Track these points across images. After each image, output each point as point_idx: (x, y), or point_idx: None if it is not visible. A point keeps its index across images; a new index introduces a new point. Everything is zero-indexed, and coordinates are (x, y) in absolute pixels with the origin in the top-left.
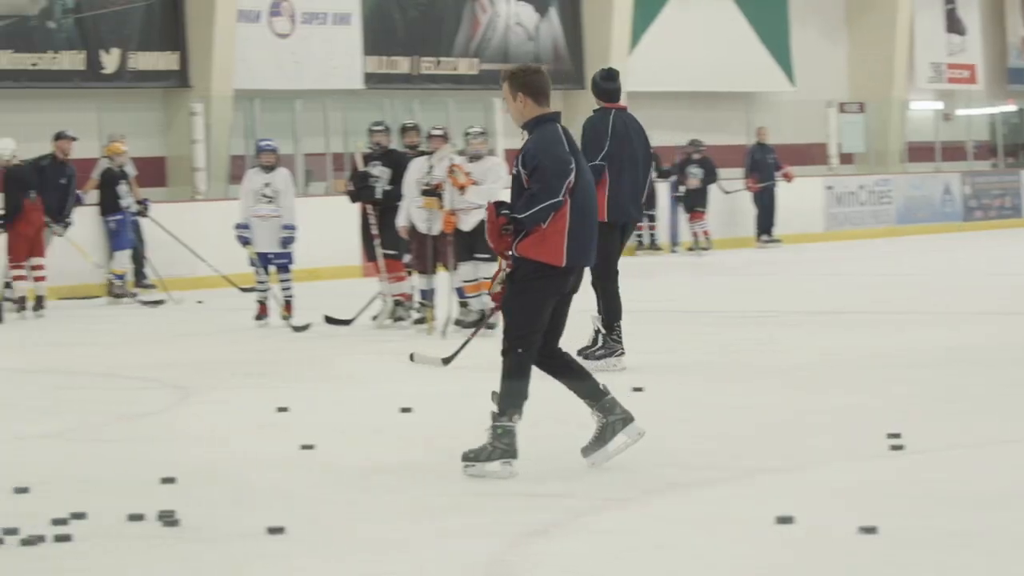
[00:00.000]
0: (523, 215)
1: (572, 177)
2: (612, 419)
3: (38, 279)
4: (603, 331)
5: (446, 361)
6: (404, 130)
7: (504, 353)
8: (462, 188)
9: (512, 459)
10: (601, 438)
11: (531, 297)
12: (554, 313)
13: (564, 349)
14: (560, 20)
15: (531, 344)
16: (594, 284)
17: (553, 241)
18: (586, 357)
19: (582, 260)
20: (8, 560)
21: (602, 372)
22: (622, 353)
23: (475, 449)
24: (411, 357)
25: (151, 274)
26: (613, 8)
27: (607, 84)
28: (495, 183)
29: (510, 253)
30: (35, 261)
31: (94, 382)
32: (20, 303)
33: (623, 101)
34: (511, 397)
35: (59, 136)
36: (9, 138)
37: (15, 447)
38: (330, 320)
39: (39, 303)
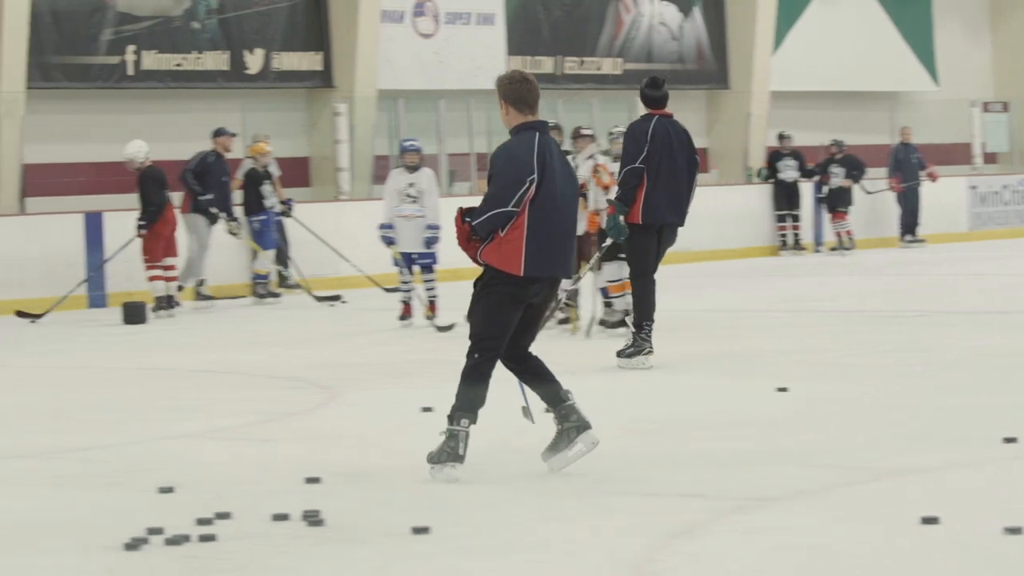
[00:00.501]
0: (475, 221)
1: (530, 188)
2: (567, 426)
3: (169, 279)
4: (632, 329)
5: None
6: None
7: (466, 356)
8: (606, 188)
9: (456, 463)
10: (557, 444)
11: (491, 303)
12: (523, 320)
13: (534, 353)
14: (704, 20)
15: (490, 350)
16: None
17: (508, 250)
18: (618, 355)
19: (545, 271)
20: (153, 559)
21: (631, 370)
22: (650, 351)
23: (433, 451)
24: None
25: (295, 274)
26: (757, 7)
27: (651, 91)
28: None
29: (478, 258)
30: (168, 261)
31: (240, 382)
32: (160, 303)
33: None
34: (462, 402)
35: (219, 132)
36: (140, 140)
37: (161, 446)
38: None
39: (169, 302)
